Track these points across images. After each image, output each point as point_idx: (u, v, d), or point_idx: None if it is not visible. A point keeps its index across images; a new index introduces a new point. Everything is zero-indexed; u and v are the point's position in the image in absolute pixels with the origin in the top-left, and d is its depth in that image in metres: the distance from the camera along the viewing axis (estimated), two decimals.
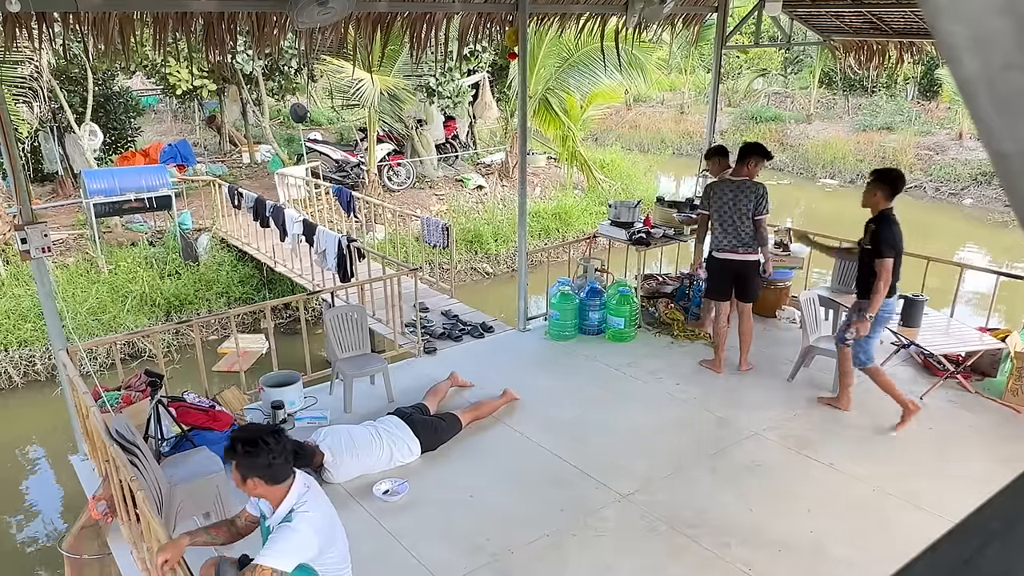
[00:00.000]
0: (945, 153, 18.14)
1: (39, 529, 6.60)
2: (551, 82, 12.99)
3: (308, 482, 2.90)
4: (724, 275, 5.81)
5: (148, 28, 4.78)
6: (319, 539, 2.75)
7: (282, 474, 2.81)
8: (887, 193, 4.81)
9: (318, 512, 2.79)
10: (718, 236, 5.75)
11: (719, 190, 5.71)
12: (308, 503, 2.80)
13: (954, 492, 4.28)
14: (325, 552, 2.80)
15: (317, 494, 2.88)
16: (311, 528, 2.73)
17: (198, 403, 4.86)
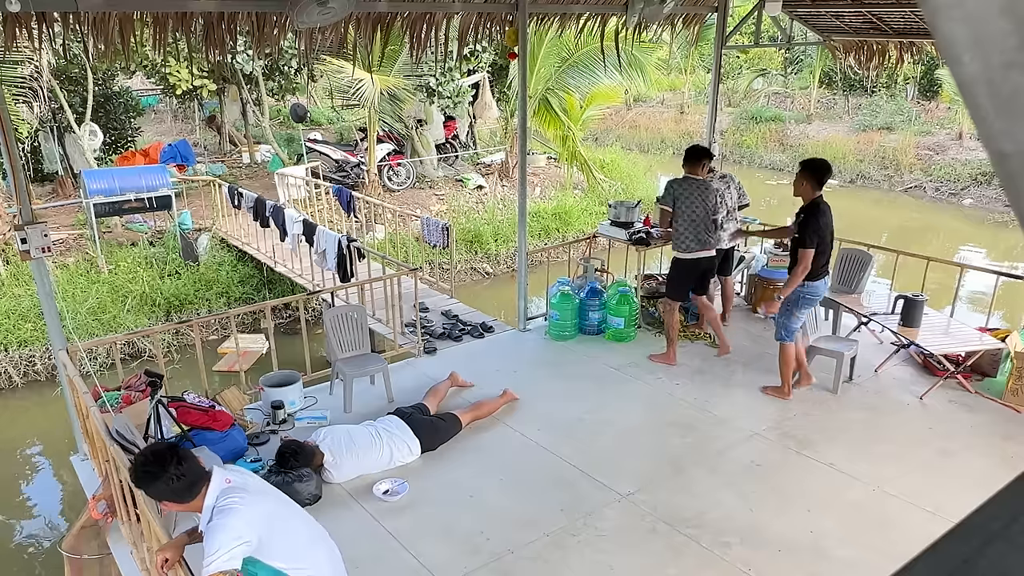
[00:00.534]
0: (945, 153, 18.15)
1: (39, 529, 6.60)
2: (551, 82, 12.99)
3: (232, 480, 2.68)
4: (692, 275, 5.89)
5: (148, 28, 4.78)
6: (251, 528, 2.55)
7: (188, 492, 2.62)
8: (813, 183, 4.99)
9: (244, 505, 2.58)
10: (688, 237, 5.74)
11: (686, 188, 5.74)
12: (230, 498, 2.59)
13: (954, 492, 4.28)
14: (268, 544, 2.60)
15: (241, 490, 2.64)
16: (235, 519, 2.53)
17: (198, 403, 4.86)
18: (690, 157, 5.86)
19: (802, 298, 5.17)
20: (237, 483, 2.67)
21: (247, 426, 5.06)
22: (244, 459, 4.68)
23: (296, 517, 2.85)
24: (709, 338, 6.55)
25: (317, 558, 2.80)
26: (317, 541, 2.86)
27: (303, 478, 4.24)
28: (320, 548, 2.84)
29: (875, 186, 18.56)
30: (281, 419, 5.16)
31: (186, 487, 2.61)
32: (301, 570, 2.71)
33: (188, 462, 2.63)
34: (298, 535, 2.78)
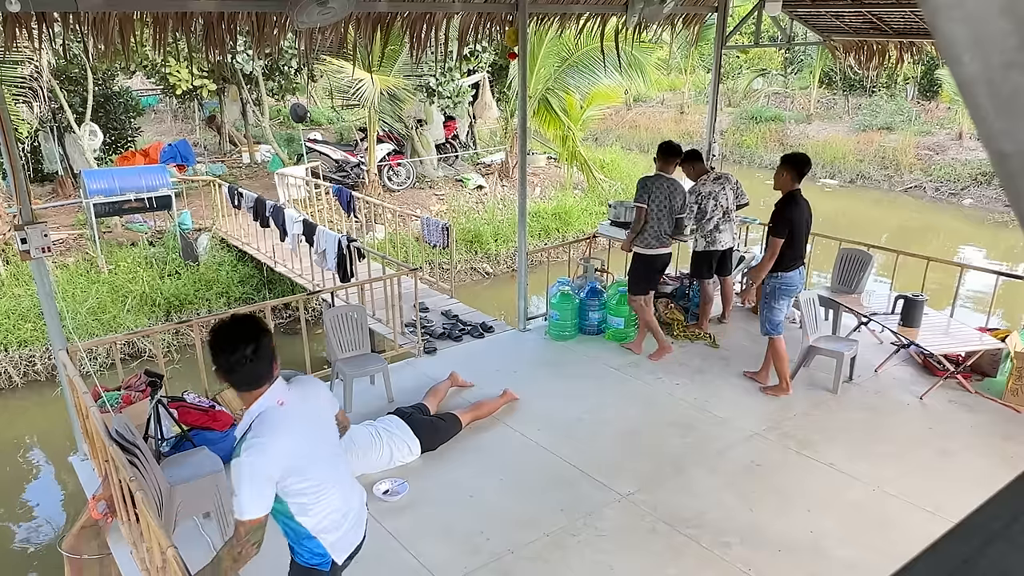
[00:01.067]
0: (945, 153, 18.15)
1: (39, 529, 6.60)
2: (551, 82, 12.99)
3: (284, 403, 2.42)
4: (654, 270, 5.99)
5: (148, 28, 4.78)
6: (276, 466, 2.35)
7: (246, 384, 2.40)
8: (794, 175, 5.17)
9: (273, 442, 2.33)
10: (651, 233, 5.81)
11: (659, 185, 5.77)
12: (263, 428, 2.35)
13: (954, 492, 4.28)
14: (289, 477, 2.41)
15: (279, 423, 2.38)
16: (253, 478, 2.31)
17: (198, 403, 4.86)
18: (663, 154, 5.88)
19: (778, 290, 5.31)
20: (284, 411, 2.42)
21: None
22: None
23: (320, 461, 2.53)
24: (709, 338, 6.55)
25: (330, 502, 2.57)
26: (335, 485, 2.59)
27: None
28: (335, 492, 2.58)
29: (875, 186, 18.56)
30: None
31: (248, 378, 2.39)
32: (320, 493, 2.52)
33: (264, 353, 2.37)
34: (318, 476, 2.51)
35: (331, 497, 2.57)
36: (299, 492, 2.47)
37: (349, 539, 2.68)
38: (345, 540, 2.67)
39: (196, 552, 3.71)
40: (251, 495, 2.32)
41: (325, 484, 2.53)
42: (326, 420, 2.64)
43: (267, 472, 2.33)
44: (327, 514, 2.57)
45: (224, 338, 2.36)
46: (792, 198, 5.18)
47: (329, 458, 2.59)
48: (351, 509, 2.68)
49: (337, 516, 2.61)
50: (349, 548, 2.70)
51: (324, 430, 2.61)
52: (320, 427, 2.59)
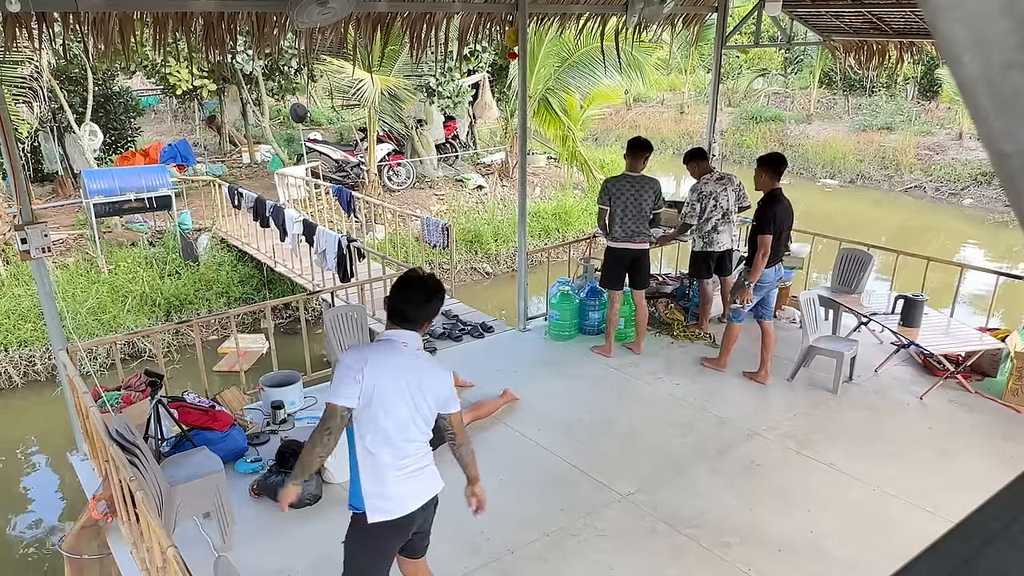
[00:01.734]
0: (945, 153, 18.15)
1: (39, 529, 6.60)
2: (551, 82, 12.99)
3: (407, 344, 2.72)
4: (620, 264, 6.00)
5: (148, 28, 4.78)
6: (354, 387, 2.58)
7: (396, 313, 2.75)
8: (772, 174, 5.35)
9: (371, 354, 2.66)
10: (616, 228, 5.90)
11: (621, 186, 5.85)
12: (373, 345, 2.76)
13: (954, 492, 4.28)
14: (363, 415, 2.63)
15: (385, 354, 2.66)
16: (343, 369, 2.63)
17: (198, 403, 4.86)
18: (630, 150, 5.95)
19: (759, 284, 5.50)
20: (397, 349, 2.71)
21: (247, 426, 5.06)
22: (244, 459, 4.68)
23: (392, 416, 2.66)
24: (709, 338, 6.55)
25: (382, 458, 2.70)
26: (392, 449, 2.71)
27: None
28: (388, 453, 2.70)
29: (875, 186, 18.57)
30: (281, 419, 5.16)
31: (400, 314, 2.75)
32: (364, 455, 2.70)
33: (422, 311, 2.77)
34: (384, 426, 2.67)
35: (383, 454, 2.69)
36: (365, 425, 2.66)
37: (386, 507, 2.74)
38: (390, 498, 2.74)
39: (196, 552, 3.71)
40: (337, 383, 2.64)
41: (387, 437, 2.67)
42: (423, 397, 2.74)
43: (355, 369, 2.60)
44: (375, 467, 2.70)
45: (412, 283, 2.76)
46: (774, 197, 5.34)
47: (402, 422, 2.70)
48: (406, 472, 2.75)
49: (382, 469, 2.70)
50: (383, 515, 2.74)
51: (415, 399, 2.71)
52: (413, 394, 2.70)
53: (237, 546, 3.87)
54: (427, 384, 2.75)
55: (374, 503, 2.72)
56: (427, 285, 2.76)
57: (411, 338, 2.76)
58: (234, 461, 4.62)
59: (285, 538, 3.99)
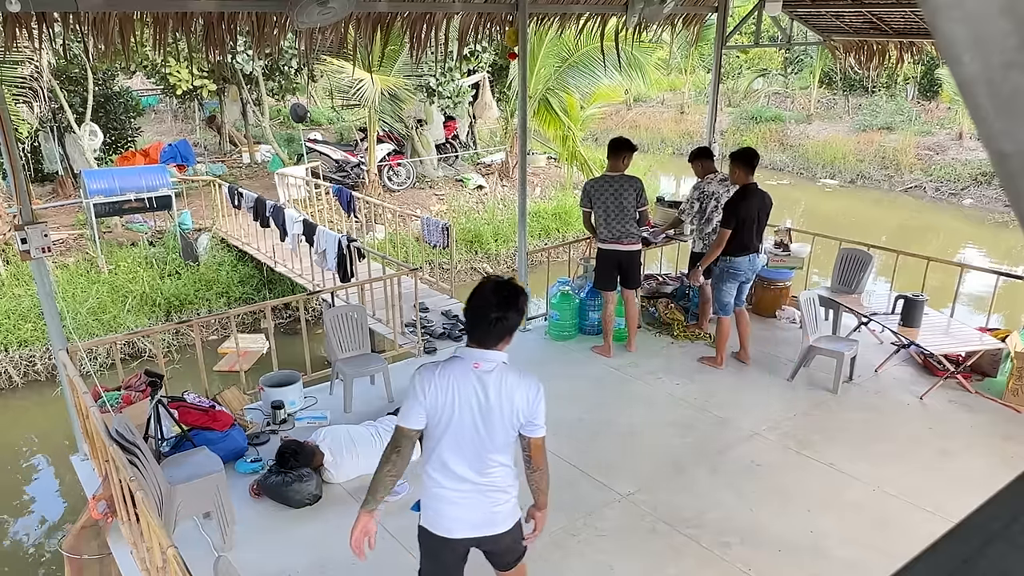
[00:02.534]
0: (945, 153, 18.15)
1: (39, 529, 6.60)
2: (551, 82, 12.99)
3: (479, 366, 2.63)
4: (610, 265, 6.02)
5: (148, 28, 4.78)
6: (419, 408, 2.59)
7: (471, 329, 2.66)
8: (745, 169, 5.54)
9: (435, 374, 2.60)
10: (602, 229, 5.93)
11: (600, 187, 5.88)
12: (442, 364, 2.63)
13: (954, 492, 4.28)
14: (429, 431, 2.63)
15: (452, 375, 2.60)
16: (411, 391, 2.59)
17: (198, 403, 4.86)
18: (611, 150, 5.95)
19: (726, 272, 5.71)
20: (467, 370, 2.64)
21: (247, 426, 5.06)
22: (244, 459, 4.68)
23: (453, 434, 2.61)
24: (709, 338, 6.55)
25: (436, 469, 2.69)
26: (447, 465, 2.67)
27: (303, 478, 4.24)
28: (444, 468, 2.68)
29: (875, 186, 18.57)
30: (281, 419, 5.16)
31: (474, 332, 2.67)
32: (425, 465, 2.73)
33: (497, 328, 2.65)
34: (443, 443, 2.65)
35: (437, 471, 2.68)
36: (428, 437, 2.66)
37: (443, 514, 2.72)
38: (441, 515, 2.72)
39: (196, 552, 3.71)
40: (406, 406, 2.62)
41: (445, 448, 2.63)
42: (496, 407, 2.63)
43: (420, 391, 2.57)
44: (429, 479, 2.71)
45: (482, 298, 2.60)
46: (742, 193, 5.54)
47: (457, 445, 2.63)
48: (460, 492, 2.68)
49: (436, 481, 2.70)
50: (445, 527, 2.72)
51: (486, 412, 2.62)
52: (484, 408, 2.61)
53: (237, 546, 3.87)
54: (499, 406, 2.62)
55: (424, 510, 2.78)
56: (497, 299, 2.59)
57: (487, 358, 2.66)
58: (234, 461, 4.62)
59: (285, 538, 3.99)
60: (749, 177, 5.54)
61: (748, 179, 5.54)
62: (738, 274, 5.73)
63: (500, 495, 2.70)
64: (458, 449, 2.63)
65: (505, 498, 2.72)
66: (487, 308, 2.59)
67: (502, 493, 2.71)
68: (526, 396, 2.68)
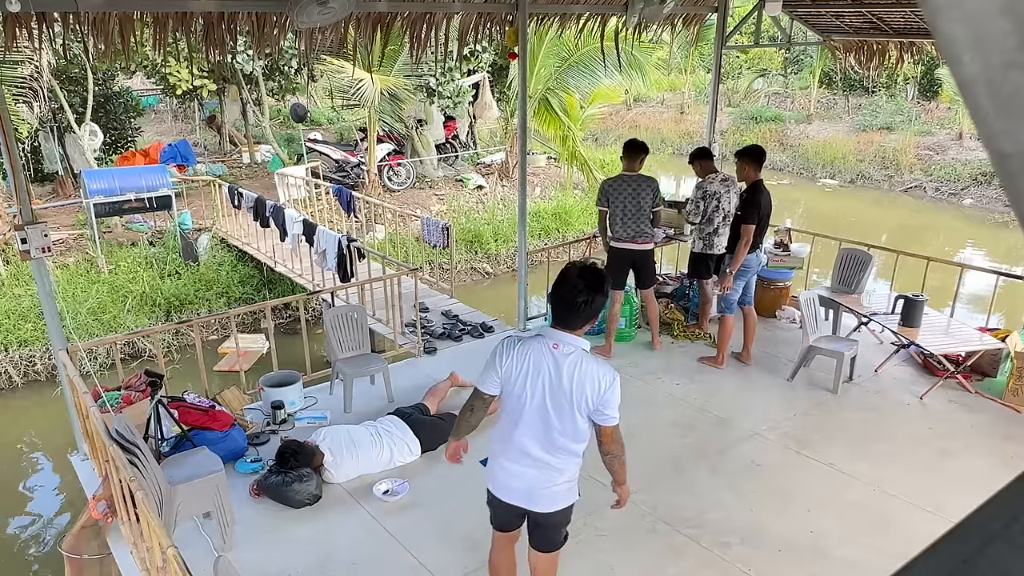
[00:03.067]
0: (945, 153, 18.14)
1: (39, 529, 6.60)
2: (551, 82, 12.99)
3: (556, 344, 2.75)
4: (624, 264, 6.06)
5: (148, 28, 4.78)
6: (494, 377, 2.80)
7: (556, 312, 2.81)
8: (755, 166, 5.62)
9: (513, 349, 2.78)
10: (618, 228, 5.96)
11: (618, 186, 5.92)
12: (524, 339, 2.83)
13: (954, 492, 4.28)
14: (503, 399, 2.83)
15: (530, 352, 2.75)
16: (491, 358, 2.83)
17: (198, 403, 4.86)
18: (627, 152, 6.01)
19: (741, 270, 5.75)
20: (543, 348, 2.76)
21: (247, 426, 5.06)
22: (244, 459, 4.68)
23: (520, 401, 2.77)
24: (709, 338, 6.55)
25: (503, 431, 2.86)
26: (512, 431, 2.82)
27: (303, 478, 4.24)
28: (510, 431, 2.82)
29: (875, 186, 18.56)
30: (281, 419, 5.16)
31: (560, 314, 2.80)
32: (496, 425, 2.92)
33: (582, 312, 2.74)
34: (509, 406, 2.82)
35: (506, 429, 2.84)
36: (501, 406, 2.87)
37: (504, 481, 2.91)
38: (498, 477, 2.93)
39: (196, 552, 3.72)
40: (484, 371, 2.84)
41: (511, 418, 2.81)
42: (566, 389, 2.72)
43: (497, 360, 2.79)
44: (496, 441, 2.92)
45: (567, 282, 2.75)
46: (756, 188, 5.60)
47: (524, 420, 2.77)
48: (519, 459, 2.83)
49: (499, 447, 2.90)
50: (501, 490, 2.93)
51: (555, 391, 2.72)
52: (553, 387, 2.72)
53: (237, 546, 3.87)
54: (570, 390, 2.70)
55: (488, 469, 3.01)
56: (584, 283, 2.70)
57: (567, 341, 2.76)
58: (234, 461, 4.63)
59: (285, 538, 3.99)
60: (757, 174, 5.61)
61: (757, 176, 5.61)
62: (747, 271, 5.81)
63: (556, 476, 2.82)
64: (523, 423, 2.77)
65: (560, 480, 2.83)
66: (574, 292, 2.69)
67: (558, 475, 2.82)
68: (598, 385, 2.72)
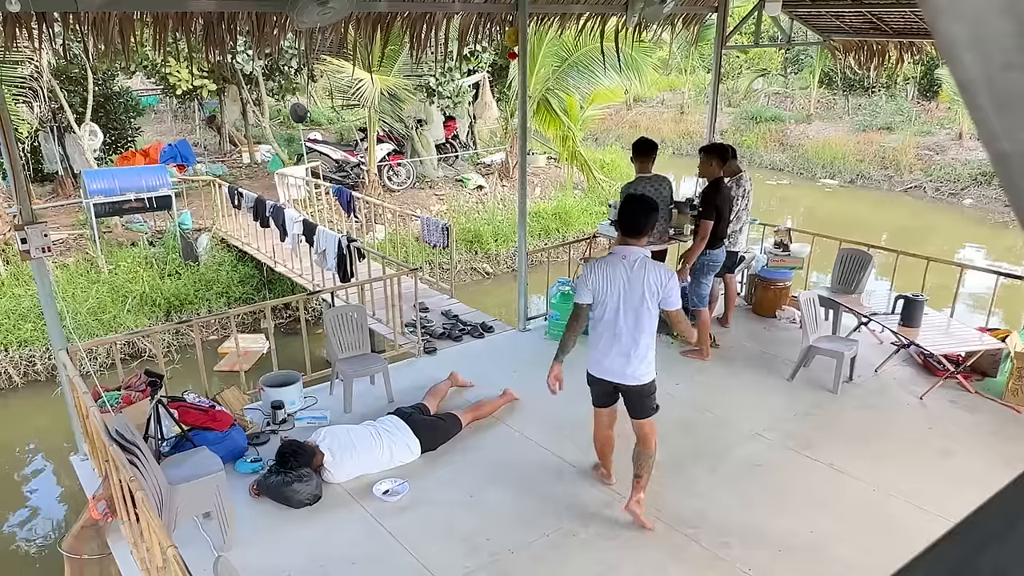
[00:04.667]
0: (945, 153, 18.14)
1: (39, 529, 6.60)
2: (551, 82, 12.99)
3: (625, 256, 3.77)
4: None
5: (148, 28, 4.78)
6: (587, 290, 3.82)
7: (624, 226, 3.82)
8: (719, 162, 5.77)
9: (597, 267, 3.82)
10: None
11: (640, 188, 5.94)
12: (603, 258, 3.92)
13: (954, 492, 4.28)
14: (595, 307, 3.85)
15: (607, 266, 3.77)
16: (582, 278, 3.91)
17: (198, 403, 4.86)
18: (639, 153, 6.05)
19: (705, 265, 5.92)
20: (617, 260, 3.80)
21: (247, 426, 5.06)
22: (244, 459, 4.68)
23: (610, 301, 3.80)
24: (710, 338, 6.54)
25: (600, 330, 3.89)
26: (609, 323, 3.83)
27: (303, 478, 4.24)
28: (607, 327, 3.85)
29: (875, 186, 18.56)
30: (281, 419, 5.16)
31: (627, 227, 3.81)
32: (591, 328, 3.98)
33: (643, 223, 3.78)
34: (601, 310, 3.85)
35: (599, 333, 3.88)
36: (594, 310, 3.87)
37: (601, 364, 3.93)
38: (596, 362, 3.96)
39: (196, 552, 3.72)
40: (578, 287, 3.92)
41: (604, 316, 3.82)
42: (637, 287, 3.74)
43: (588, 278, 3.83)
44: (593, 339, 3.95)
45: (634, 201, 3.85)
46: (717, 185, 5.76)
47: (617, 306, 3.78)
48: (610, 348, 3.86)
49: (598, 340, 3.90)
50: (598, 371, 3.96)
51: (629, 291, 3.75)
52: (624, 295, 3.76)
53: (237, 546, 3.87)
54: (640, 287, 3.72)
55: (590, 360, 3.99)
56: (645, 202, 3.80)
57: (631, 252, 3.77)
58: (234, 461, 4.63)
59: (285, 538, 3.99)
60: (719, 171, 5.80)
61: (719, 173, 5.80)
62: (716, 265, 6.00)
63: (638, 358, 3.85)
64: (610, 319, 3.80)
65: (640, 360, 3.87)
66: (636, 212, 3.78)
67: (640, 357, 3.86)
68: (659, 277, 3.75)
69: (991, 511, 0.39)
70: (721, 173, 5.79)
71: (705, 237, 5.68)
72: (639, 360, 3.83)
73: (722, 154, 5.82)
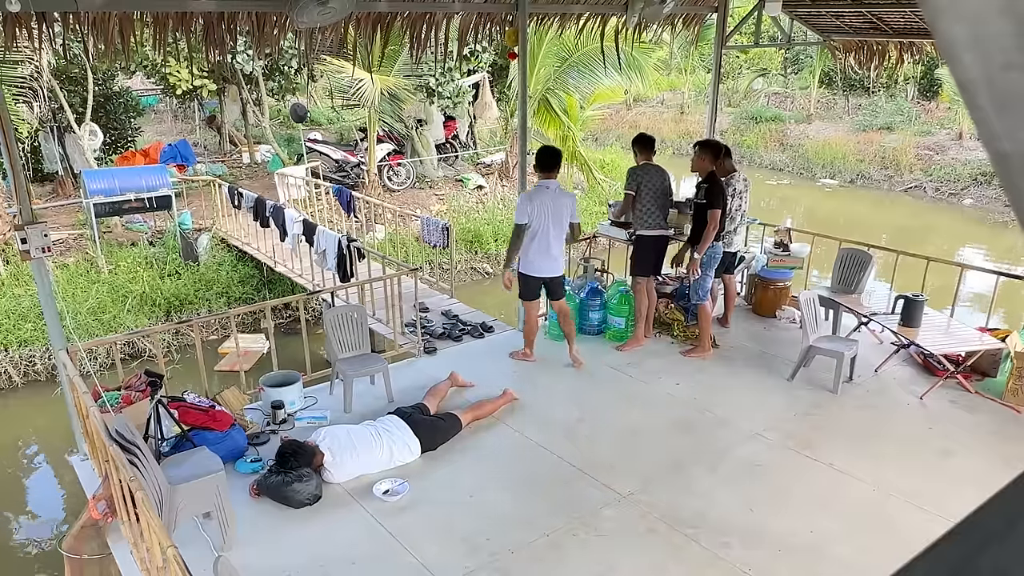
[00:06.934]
0: (945, 153, 18.14)
1: (39, 529, 6.60)
2: (551, 82, 12.99)
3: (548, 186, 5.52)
4: (655, 251, 6.22)
5: (148, 28, 4.78)
6: (523, 213, 5.52)
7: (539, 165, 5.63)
8: (711, 158, 5.85)
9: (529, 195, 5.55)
10: (647, 215, 6.09)
11: (647, 173, 6.07)
12: (530, 194, 5.56)
13: (954, 492, 4.28)
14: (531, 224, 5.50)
15: (538, 193, 5.49)
16: (520, 204, 5.57)
17: (198, 403, 4.86)
18: (645, 146, 6.17)
19: (711, 259, 5.98)
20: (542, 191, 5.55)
21: (247, 426, 5.06)
22: (244, 459, 4.68)
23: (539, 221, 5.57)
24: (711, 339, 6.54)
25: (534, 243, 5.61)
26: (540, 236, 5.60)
27: (303, 478, 4.24)
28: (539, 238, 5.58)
29: (875, 186, 18.57)
30: (281, 419, 5.16)
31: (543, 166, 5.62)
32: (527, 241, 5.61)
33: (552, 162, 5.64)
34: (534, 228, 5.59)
35: (535, 243, 5.51)
36: (531, 228, 5.48)
37: (534, 264, 5.60)
38: (531, 263, 5.61)
39: (196, 552, 3.72)
40: (518, 212, 5.53)
41: (538, 231, 5.47)
42: (560, 212, 5.51)
43: (524, 203, 5.49)
44: (527, 247, 5.56)
45: (545, 150, 5.64)
46: (713, 177, 5.81)
47: (545, 226, 5.46)
48: (540, 253, 5.55)
49: (533, 248, 5.54)
50: (532, 270, 5.63)
51: (552, 214, 5.47)
52: (551, 212, 5.47)
53: (237, 546, 3.87)
54: (560, 207, 5.48)
55: (524, 264, 5.62)
56: (554, 149, 5.68)
57: (551, 183, 5.51)
58: (234, 461, 4.63)
59: (285, 538, 3.99)
60: (712, 166, 5.83)
61: (712, 167, 5.83)
62: (717, 258, 6.02)
63: (558, 256, 5.64)
64: (542, 234, 5.45)
65: (558, 258, 5.65)
66: (550, 154, 5.61)
67: (557, 256, 5.63)
68: (570, 200, 5.61)
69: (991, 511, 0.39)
70: (713, 168, 5.84)
71: (716, 226, 5.72)
72: (558, 258, 5.59)
73: (715, 150, 5.89)
